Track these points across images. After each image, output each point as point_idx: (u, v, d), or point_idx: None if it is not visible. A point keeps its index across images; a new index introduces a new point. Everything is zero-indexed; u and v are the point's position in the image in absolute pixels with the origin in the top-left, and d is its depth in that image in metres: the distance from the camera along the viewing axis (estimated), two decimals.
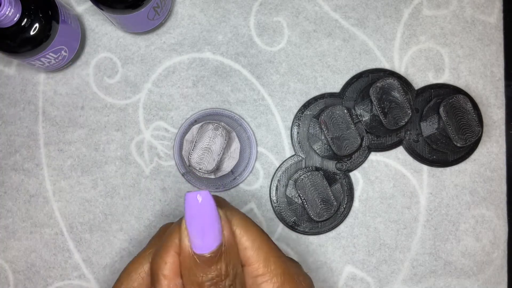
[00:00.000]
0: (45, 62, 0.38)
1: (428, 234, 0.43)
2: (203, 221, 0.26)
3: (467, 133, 0.40)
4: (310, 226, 0.42)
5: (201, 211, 0.26)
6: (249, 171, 0.42)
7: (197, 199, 0.26)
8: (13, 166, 0.42)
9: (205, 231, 0.26)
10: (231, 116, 0.42)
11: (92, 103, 0.43)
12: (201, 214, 0.26)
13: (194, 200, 0.26)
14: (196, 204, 0.26)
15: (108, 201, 0.42)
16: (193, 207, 0.26)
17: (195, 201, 0.26)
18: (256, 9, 0.43)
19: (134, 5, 0.36)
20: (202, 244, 0.26)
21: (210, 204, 0.26)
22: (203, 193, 0.26)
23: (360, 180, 0.43)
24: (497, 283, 0.43)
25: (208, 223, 0.26)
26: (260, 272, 0.28)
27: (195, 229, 0.26)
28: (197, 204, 0.26)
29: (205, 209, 0.26)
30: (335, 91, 0.43)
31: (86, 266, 0.42)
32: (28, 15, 0.34)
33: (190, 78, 0.43)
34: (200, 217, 0.26)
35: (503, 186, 0.43)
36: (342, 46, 0.43)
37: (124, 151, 0.42)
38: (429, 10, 0.44)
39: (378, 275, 0.42)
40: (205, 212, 0.26)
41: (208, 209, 0.26)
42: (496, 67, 0.44)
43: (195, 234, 0.26)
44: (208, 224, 0.26)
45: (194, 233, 0.26)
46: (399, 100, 0.40)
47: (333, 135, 0.40)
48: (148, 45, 0.43)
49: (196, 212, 0.26)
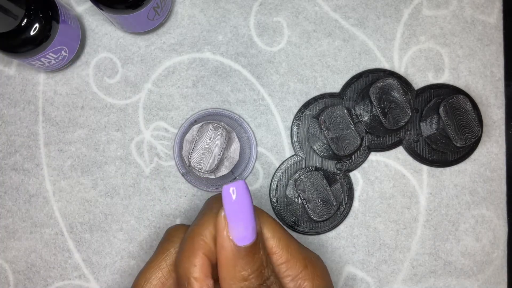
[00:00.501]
0: (45, 62, 0.38)
1: (428, 234, 0.43)
2: (245, 211, 0.26)
3: (467, 133, 0.40)
4: (310, 226, 0.42)
5: (242, 201, 0.26)
6: (249, 171, 0.42)
7: (232, 191, 0.26)
8: (13, 166, 0.42)
9: (246, 221, 0.27)
10: (231, 116, 0.42)
11: (92, 103, 0.43)
12: (243, 204, 0.26)
13: (233, 192, 0.26)
14: (233, 196, 0.26)
15: (108, 201, 0.42)
16: (234, 199, 0.26)
17: (235, 193, 0.26)
18: (256, 9, 0.43)
19: (134, 5, 0.36)
20: (245, 234, 0.26)
21: (248, 193, 0.27)
22: (240, 184, 0.26)
23: (360, 180, 0.43)
24: (497, 283, 0.43)
25: (248, 212, 0.27)
26: (284, 260, 0.29)
27: (239, 220, 0.26)
28: (235, 196, 0.26)
29: (245, 199, 0.27)
30: (335, 91, 0.43)
31: (86, 266, 0.42)
32: (28, 15, 0.34)
33: (190, 78, 0.43)
34: (243, 208, 0.26)
35: (503, 186, 0.43)
36: (342, 46, 0.43)
37: (124, 151, 0.42)
38: (429, 10, 0.44)
39: (378, 275, 0.42)
40: (246, 202, 0.26)
41: (247, 198, 0.27)
42: (496, 67, 0.44)
43: (239, 226, 0.26)
44: (249, 213, 0.27)
45: (237, 225, 0.26)
46: (399, 100, 0.40)
47: (333, 135, 0.40)
48: (148, 45, 0.43)
49: (238, 204, 0.26)
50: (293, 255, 0.29)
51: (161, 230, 0.42)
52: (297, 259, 0.29)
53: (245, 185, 0.26)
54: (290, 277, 0.29)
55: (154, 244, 0.42)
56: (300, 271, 0.29)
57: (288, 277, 0.29)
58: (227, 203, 0.26)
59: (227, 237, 0.26)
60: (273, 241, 0.29)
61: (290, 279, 0.29)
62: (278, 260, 0.29)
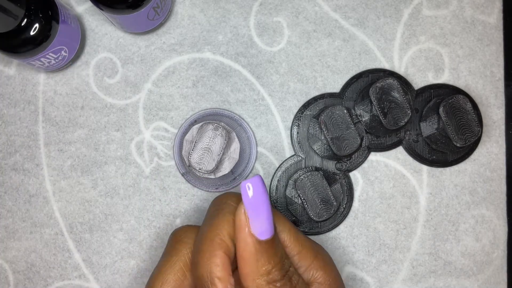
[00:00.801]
0: (45, 62, 0.38)
1: (428, 234, 0.43)
2: (264, 205, 0.27)
3: (467, 133, 0.40)
4: (310, 226, 0.42)
5: (260, 196, 0.27)
6: (249, 171, 0.42)
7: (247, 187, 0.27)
8: (13, 166, 0.42)
9: (267, 214, 0.27)
10: (231, 116, 0.42)
11: (92, 103, 0.43)
12: (261, 198, 0.27)
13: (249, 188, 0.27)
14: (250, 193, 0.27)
15: (108, 201, 0.42)
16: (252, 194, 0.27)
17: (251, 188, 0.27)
18: (256, 9, 0.43)
19: (134, 5, 0.36)
20: (266, 228, 0.27)
21: (264, 188, 0.27)
22: (257, 179, 0.27)
23: (360, 180, 0.43)
24: (497, 283, 0.43)
25: (267, 206, 0.27)
26: (296, 251, 0.29)
27: (259, 215, 0.27)
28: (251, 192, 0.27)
29: (263, 193, 0.27)
30: (335, 91, 0.43)
31: (86, 266, 0.42)
32: (28, 15, 0.34)
33: (190, 78, 0.43)
34: (262, 202, 0.27)
35: (503, 186, 0.43)
36: (342, 46, 0.43)
37: (124, 151, 0.42)
38: (429, 10, 0.44)
39: (378, 275, 0.42)
40: (264, 196, 0.27)
41: (265, 192, 0.27)
42: (496, 67, 0.44)
43: (260, 220, 0.27)
44: (267, 207, 0.27)
45: (258, 220, 0.27)
46: (399, 100, 0.40)
47: (333, 135, 0.40)
48: (148, 45, 0.43)
49: (257, 198, 0.27)
50: (304, 246, 0.30)
51: (161, 230, 0.42)
52: (307, 249, 0.30)
53: (261, 179, 0.27)
54: (303, 267, 0.29)
55: (154, 244, 0.42)
56: (312, 262, 0.29)
57: (301, 267, 0.29)
58: (247, 198, 0.27)
59: (249, 233, 0.27)
60: (284, 234, 0.29)
61: (303, 270, 0.30)
62: (291, 253, 0.29)
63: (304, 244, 0.30)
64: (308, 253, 0.30)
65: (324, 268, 0.30)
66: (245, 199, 0.27)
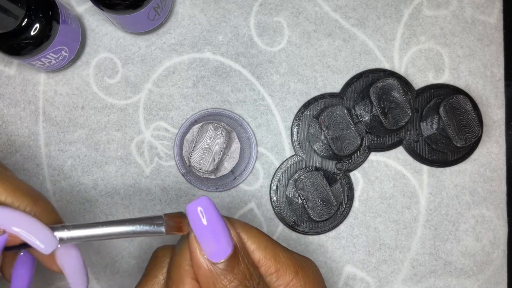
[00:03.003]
0: (46, 62, 0.38)
1: (428, 234, 0.43)
2: (213, 227, 0.26)
3: (467, 133, 0.40)
4: (310, 226, 0.42)
5: (207, 218, 0.26)
6: (249, 171, 0.42)
7: (200, 211, 0.26)
8: (13, 166, 0.42)
9: (217, 236, 0.26)
10: (231, 116, 0.42)
11: (93, 103, 0.43)
12: (208, 221, 0.26)
13: (197, 211, 0.26)
14: (200, 213, 0.26)
15: (109, 201, 0.42)
16: (198, 218, 0.26)
17: (198, 211, 0.26)
18: (256, 9, 0.43)
19: (134, 5, 0.36)
20: (218, 250, 0.26)
21: (212, 209, 0.27)
22: (203, 201, 0.26)
23: (360, 180, 0.43)
24: (497, 283, 0.43)
25: (217, 228, 0.26)
26: (273, 270, 0.28)
27: (207, 237, 0.26)
28: (200, 213, 0.26)
29: (210, 215, 0.26)
30: (335, 91, 0.43)
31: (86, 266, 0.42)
32: (28, 15, 0.34)
33: (190, 78, 0.43)
34: (209, 225, 0.26)
35: (503, 186, 0.43)
36: (342, 46, 0.43)
37: (124, 151, 0.42)
38: (429, 10, 0.44)
39: (378, 275, 0.42)
40: (211, 218, 0.26)
41: (213, 214, 0.27)
42: (496, 67, 0.44)
43: (208, 243, 0.26)
44: (217, 228, 0.26)
45: (206, 242, 0.26)
46: (399, 100, 0.40)
47: (333, 135, 0.40)
48: (148, 45, 0.43)
49: (202, 222, 0.26)
50: (282, 263, 0.28)
51: None
52: (287, 267, 0.28)
53: (208, 200, 0.26)
54: (282, 286, 0.28)
55: (154, 244, 0.42)
56: (292, 279, 0.28)
57: (280, 286, 0.28)
58: (193, 222, 0.26)
59: (201, 256, 0.26)
60: (259, 253, 0.28)
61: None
62: (268, 271, 0.28)
63: (283, 260, 0.28)
64: (288, 270, 0.28)
65: (304, 285, 0.28)
66: (191, 223, 0.26)
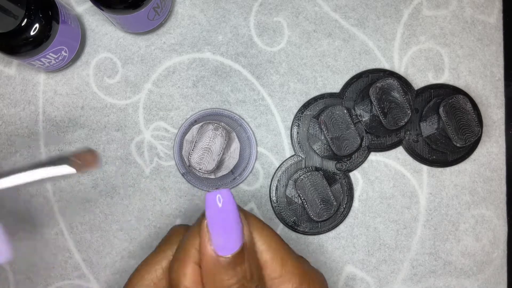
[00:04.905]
0: (45, 62, 0.38)
1: (428, 234, 0.43)
2: (226, 221, 0.26)
3: (467, 133, 0.40)
4: (310, 226, 0.42)
5: (223, 211, 0.26)
6: (249, 171, 0.42)
7: (218, 199, 0.26)
8: (13, 166, 0.42)
9: (228, 231, 0.26)
10: (231, 116, 0.42)
11: (92, 103, 0.43)
12: (223, 214, 0.26)
13: (215, 200, 0.26)
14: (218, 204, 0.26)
15: (108, 201, 0.42)
16: (215, 207, 0.26)
17: (216, 202, 0.26)
18: (256, 9, 0.43)
19: (134, 5, 0.36)
20: (226, 245, 0.26)
21: (231, 203, 0.26)
22: (224, 192, 0.26)
23: (360, 180, 0.43)
24: (497, 283, 0.43)
25: (231, 223, 0.26)
26: (277, 274, 0.27)
27: (218, 230, 0.26)
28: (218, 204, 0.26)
29: (227, 209, 0.26)
30: (335, 91, 0.43)
31: (86, 266, 0.42)
32: (28, 15, 0.34)
33: (190, 78, 0.43)
34: (223, 217, 0.26)
35: (503, 186, 0.43)
36: (342, 46, 0.43)
37: (124, 151, 0.42)
38: (429, 10, 0.44)
39: (378, 275, 0.42)
40: (228, 212, 0.26)
41: (230, 208, 0.26)
42: (496, 67, 0.44)
43: (219, 235, 0.26)
44: (231, 224, 0.26)
45: (217, 234, 0.26)
46: (399, 100, 0.40)
47: (333, 135, 0.40)
48: (148, 45, 0.43)
49: (218, 213, 0.26)
50: (288, 271, 0.28)
51: (161, 230, 0.42)
52: (292, 275, 0.28)
53: (229, 193, 0.26)
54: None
55: (154, 244, 0.42)
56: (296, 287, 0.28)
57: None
58: (209, 211, 0.26)
59: (209, 245, 0.26)
60: (267, 255, 0.28)
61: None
62: (271, 274, 0.28)
63: (289, 268, 0.28)
64: (293, 279, 0.27)
65: None
66: (207, 211, 0.26)
